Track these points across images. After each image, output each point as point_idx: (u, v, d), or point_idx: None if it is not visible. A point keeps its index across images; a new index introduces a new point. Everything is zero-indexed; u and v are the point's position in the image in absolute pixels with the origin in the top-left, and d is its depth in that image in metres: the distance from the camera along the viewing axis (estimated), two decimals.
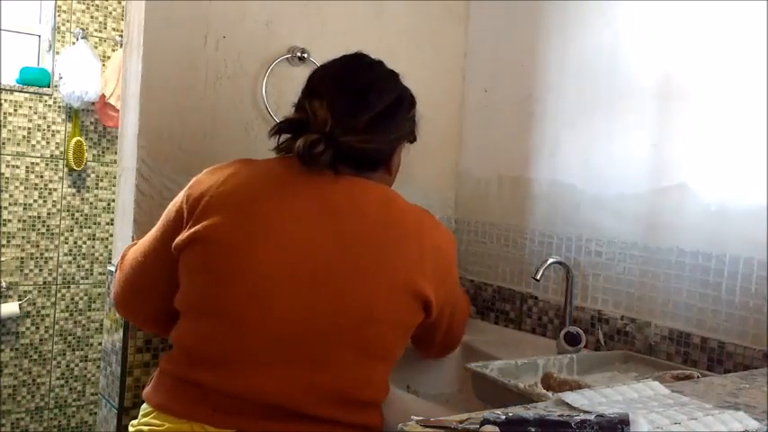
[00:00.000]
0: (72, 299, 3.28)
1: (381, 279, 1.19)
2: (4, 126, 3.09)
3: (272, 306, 1.17)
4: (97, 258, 3.33)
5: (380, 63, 1.34)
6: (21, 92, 3.12)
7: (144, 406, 1.26)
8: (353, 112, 1.23)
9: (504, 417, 0.79)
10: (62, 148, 3.22)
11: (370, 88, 1.26)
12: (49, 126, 3.19)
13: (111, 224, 2.60)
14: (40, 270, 3.21)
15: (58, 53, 3.16)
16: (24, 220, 3.16)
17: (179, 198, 1.27)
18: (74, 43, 3.17)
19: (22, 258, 3.16)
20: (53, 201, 3.22)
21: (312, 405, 1.17)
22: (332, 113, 1.20)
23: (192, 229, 1.20)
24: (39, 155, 3.18)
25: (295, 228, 1.19)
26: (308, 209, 1.20)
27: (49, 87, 3.18)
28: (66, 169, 3.23)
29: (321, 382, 1.18)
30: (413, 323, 1.25)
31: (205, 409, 1.17)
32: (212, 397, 1.17)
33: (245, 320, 1.17)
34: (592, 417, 0.78)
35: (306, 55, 1.77)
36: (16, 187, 3.13)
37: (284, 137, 1.26)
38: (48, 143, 3.19)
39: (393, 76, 1.33)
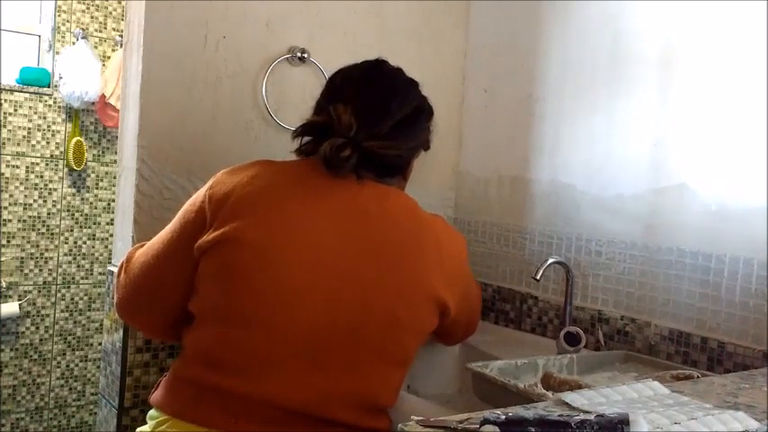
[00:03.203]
0: (72, 299, 3.28)
1: (405, 285, 1.19)
2: (4, 126, 3.09)
3: (300, 311, 1.15)
4: (97, 258, 3.33)
5: (400, 70, 1.35)
6: (21, 92, 3.12)
7: (154, 413, 1.23)
8: (377, 117, 1.23)
9: (504, 417, 0.79)
10: (62, 148, 3.22)
11: (392, 95, 1.27)
12: (49, 126, 3.19)
13: (111, 224, 2.60)
14: (40, 270, 3.21)
15: (58, 53, 3.16)
16: (24, 220, 3.16)
17: (199, 198, 1.23)
18: (74, 43, 3.18)
19: (22, 258, 3.16)
20: (53, 201, 3.22)
21: (335, 411, 1.16)
22: (356, 118, 1.19)
23: (218, 231, 1.17)
24: (39, 155, 3.18)
25: (323, 231, 1.18)
26: (335, 213, 1.19)
27: (49, 87, 3.18)
28: (66, 169, 3.23)
29: (345, 387, 1.17)
30: (430, 329, 1.27)
31: (227, 416, 1.14)
32: (234, 404, 1.15)
33: (272, 325, 1.15)
34: (592, 417, 0.78)
35: (306, 55, 1.77)
36: (16, 187, 3.13)
37: (305, 139, 1.26)
38: (48, 143, 3.20)
39: (414, 84, 1.34)
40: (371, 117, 1.22)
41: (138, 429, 1.25)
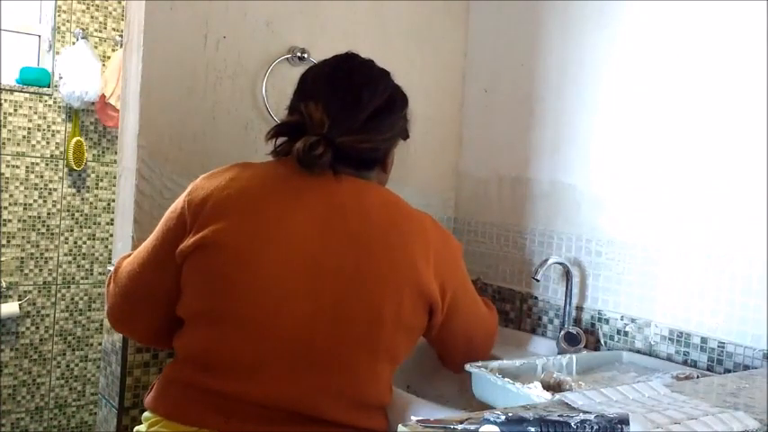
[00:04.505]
0: (72, 299, 3.28)
1: (389, 280, 1.19)
2: (4, 126, 3.09)
3: (284, 310, 1.16)
4: (97, 258, 3.33)
5: (371, 62, 1.34)
6: (21, 92, 3.12)
7: (148, 415, 1.24)
8: (349, 112, 1.23)
9: (504, 417, 0.79)
10: (62, 148, 3.22)
11: (363, 88, 1.26)
12: (49, 126, 3.19)
13: (111, 224, 2.60)
14: (40, 270, 3.21)
15: (58, 53, 3.16)
16: (24, 220, 3.16)
17: (178, 204, 1.24)
18: (74, 43, 3.17)
19: (22, 258, 3.16)
20: (53, 201, 3.22)
21: (325, 409, 1.16)
22: (328, 114, 1.20)
23: (198, 235, 1.18)
24: (39, 155, 3.18)
25: (303, 230, 1.18)
26: (314, 210, 1.20)
27: (49, 87, 3.18)
28: (66, 169, 3.23)
29: (333, 385, 1.17)
30: (419, 325, 1.26)
31: (218, 416, 1.15)
32: (225, 404, 1.16)
33: (258, 325, 1.16)
34: (592, 417, 0.78)
35: (306, 55, 1.77)
36: (16, 187, 3.13)
37: (281, 140, 1.26)
38: (48, 143, 3.20)
39: (384, 74, 1.33)
40: (343, 112, 1.22)
41: (135, 429, 1.26)
